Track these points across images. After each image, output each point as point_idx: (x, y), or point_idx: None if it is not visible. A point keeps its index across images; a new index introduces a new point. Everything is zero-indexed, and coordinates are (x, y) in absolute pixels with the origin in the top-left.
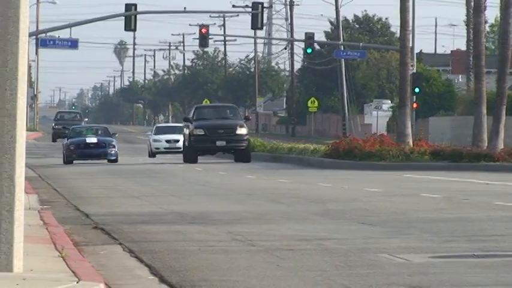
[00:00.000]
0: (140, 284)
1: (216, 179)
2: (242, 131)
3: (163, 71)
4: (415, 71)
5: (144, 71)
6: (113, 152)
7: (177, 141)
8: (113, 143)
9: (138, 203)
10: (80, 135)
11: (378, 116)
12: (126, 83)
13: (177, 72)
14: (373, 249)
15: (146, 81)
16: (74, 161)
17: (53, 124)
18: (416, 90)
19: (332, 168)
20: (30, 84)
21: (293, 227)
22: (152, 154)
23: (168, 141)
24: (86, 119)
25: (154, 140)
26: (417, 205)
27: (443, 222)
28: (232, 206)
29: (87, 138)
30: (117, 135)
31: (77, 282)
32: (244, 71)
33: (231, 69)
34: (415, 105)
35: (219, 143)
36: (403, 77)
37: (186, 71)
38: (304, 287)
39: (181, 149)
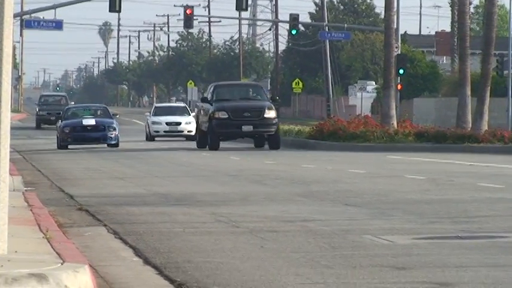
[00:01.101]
0: (125, 266)
1: (200, 161)
2: (271, 113)
3: (148, 52)
4: (399, 52)
5: (129, 52)
6: (113, 135)
7: (179, 123)
8: (113, 125)
9: (122, 184)
10: (75, 116)
11: (362, 97)
12: (111, 64)
13: (161, 53)
14: (357, 230)
15: (131, 62)
16: (70, 146)
17: (37, 109)
18: (401, 71)
19: (316, 149)
20: (15, 65)
21: (277, 208)
22: (151, 137)
23: (168, 123)
24: (73, 103)
25: (154, 123)
26: (401, 186)
27: (427, 204)
28: (216, 187)
29: (83, 120)
30: (117, 116)
31: (62, 264)
32: (228, 52)
33: (215, 51)
34: (399, 86)
35: (245, 128)
36: (388, 59)
37: (170, 52)
38: (288, 269)
39: (183, 133)
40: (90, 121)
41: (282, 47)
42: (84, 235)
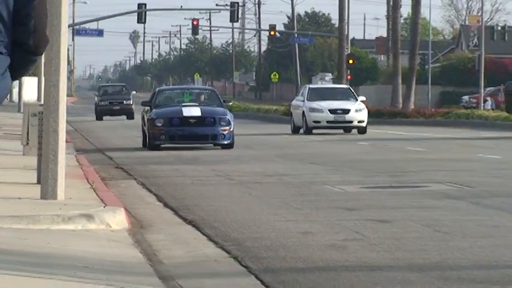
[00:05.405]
0: (150, 208)
1: None
2: None
3: (166, 52)
4: (349, 52)
5: (152, 52)
6: (226, 131)
7: (347, 111)
8: (227, 116)
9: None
10: (171, 102)
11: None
12: (138, 61)
13: (175, 53)
14: (319, 182)
15: (153, 60)
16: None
17: (97, 100)
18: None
19: (288, 123)
20: (68, 62)
21: (260, 166)
22: (307, 129)
23: (333, 111)
24: (134, 92)
25: (313, 110)
26: (350, 150)
27: (370, 162)
28: (215, 151)
29: (184, 109)
30: (231, 103)
31: (104, 207)
32: (224, 52)
33: (215, 51)
34: (349, 77)
35: None
36: (341, 56)
37: (182, 53)
38: (269, 210)
39: (352, 124)
40: (193, 110)
41: (263, 48)
42: (120, 186)
